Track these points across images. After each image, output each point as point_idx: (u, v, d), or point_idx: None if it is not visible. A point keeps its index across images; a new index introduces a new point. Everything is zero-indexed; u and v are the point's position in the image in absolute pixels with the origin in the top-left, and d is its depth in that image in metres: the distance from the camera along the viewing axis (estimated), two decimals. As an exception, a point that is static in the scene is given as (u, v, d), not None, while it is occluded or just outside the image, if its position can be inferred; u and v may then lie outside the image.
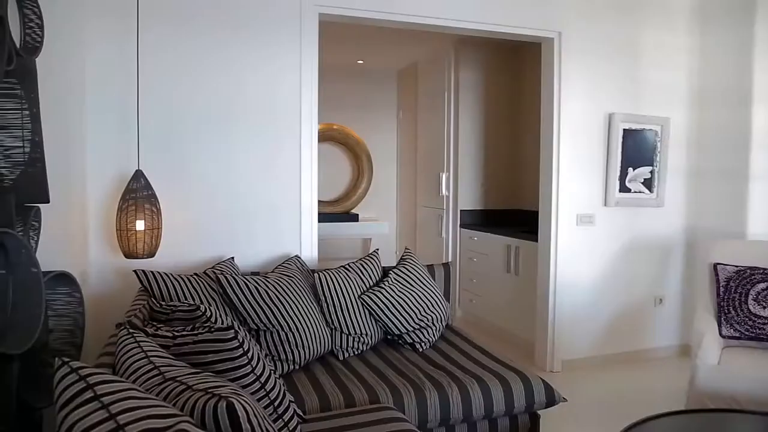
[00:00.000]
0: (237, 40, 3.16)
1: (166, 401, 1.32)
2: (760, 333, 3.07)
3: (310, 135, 3.34)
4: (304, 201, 3.34)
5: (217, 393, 1.28)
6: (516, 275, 4.56)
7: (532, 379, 2.46)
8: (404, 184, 6.86)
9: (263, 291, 2.56)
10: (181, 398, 1.30)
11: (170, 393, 1.34)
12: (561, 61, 3.91)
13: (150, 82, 3.00)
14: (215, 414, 1.24)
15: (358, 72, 6.80)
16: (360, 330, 2.80)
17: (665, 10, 4.18)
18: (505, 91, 5.57)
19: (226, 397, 1.25)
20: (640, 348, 4.28)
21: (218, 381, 1.43)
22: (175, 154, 3.08)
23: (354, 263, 3.07)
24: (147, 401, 1.15)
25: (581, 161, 4.01)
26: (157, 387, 1.38)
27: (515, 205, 5.63)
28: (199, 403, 1.26)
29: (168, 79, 3.04)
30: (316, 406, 2.22)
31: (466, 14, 3.64)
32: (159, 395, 1.35)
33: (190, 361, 1.66)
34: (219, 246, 3.19)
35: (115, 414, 1.08)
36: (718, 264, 3.32)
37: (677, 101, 4.26)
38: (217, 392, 1.29)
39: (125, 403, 1.11)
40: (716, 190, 4.18)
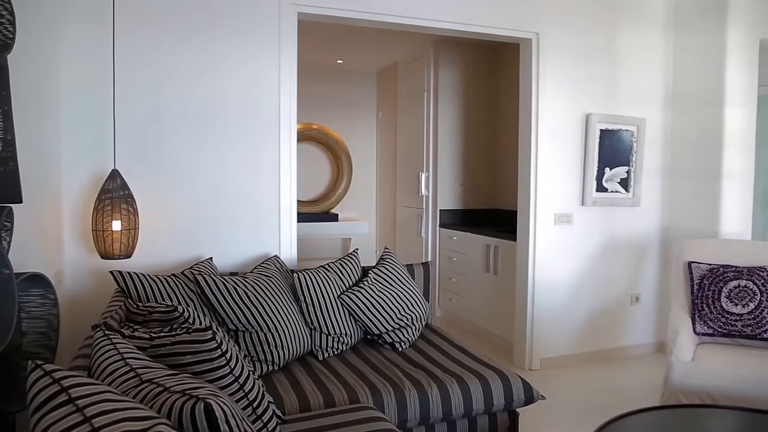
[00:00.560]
0: (214, 39, 3.13)
1: (143, 403, 1.30)
2: (732, 330, 3.14)
3: (289, 135, 3.33)
4: (283, 201, 3.33)
5: (195, 394, 1.27)
6: (495, 274, 4.60)
7: (510, 378, 2.48)
8: (384, 184, 6.86)
9: (242, 291, 2.54)
10: (158, 400, 1.29)
11: (147, 395, 1.33)
12: (539, 61, 3.95)
13: (127, 80, 2.96)
14: (193, 416, 1.23)
15: (338, 72, 6.79)
16: (339, 330, 2.80)
17: (641, 12, 4.24)
18: (485, 91, 5.61)
19: (203, 399, 1.24)
20: (617, 346, 4.34)
21: (196, 382, 1.41)
22: (151, 153, 3.04)
23: (333, 263, 3.06)
24: (123, 404, 1.14)
25: (559, 161, 4.05)
26: (134, 389, 1.37)
27: (494, 204, 5.67)
28: (177, 405, 1.25)
29: (144, 78, 3.01)
30: (295, 407, 2.21)
31: (445, 14, 3.65)
32: (135, 397, 1.34)
33: (168, 363, 1.65)
34: (197, 246, 3.16)
35: (90, 417, 1.07)
36: (692, 262, 3.37)
37: (653, 102, 4.33)
38: (195, 394, 1.28)
39: (100, 405, 1.10)
40: (690, 190, 4.26)
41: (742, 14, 3.97)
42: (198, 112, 3.12)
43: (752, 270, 3.20)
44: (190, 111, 3.11)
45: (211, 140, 3.16)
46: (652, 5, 4.27)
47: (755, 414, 2.13)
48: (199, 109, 3.12)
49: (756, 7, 4.03)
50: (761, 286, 3.14)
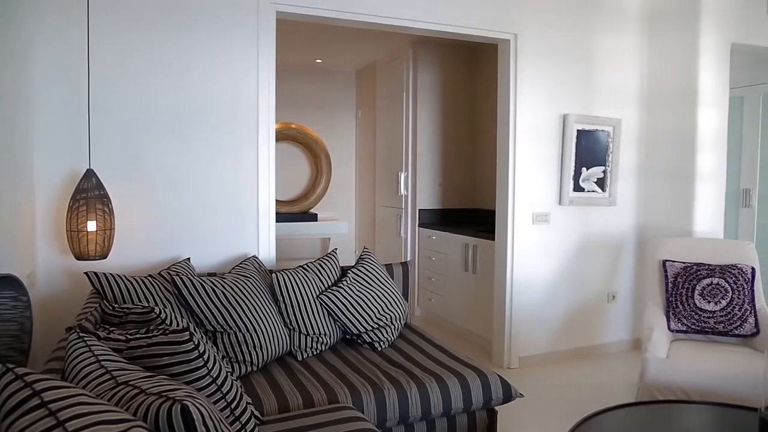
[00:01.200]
0: (191, 38, 3.10)
1: (119, 406, 1.28)
2: (705, 326, 3.20)
3: (267, 134, 3.31)
4: (261, 200, 3.31)
5: (172, 396, 1.26)
6: (474, 274, 4.62)
7: (489, 376, 2.50)
8: (363, 184, 6.86)
9: (220, 292, 2.52)
10: (134, 403, 1.27)
11: (123, 398, 1.31)
12: (517, 62, 3.98)
13: (102, 79, 2.91)
14: (169, 418, 1.21)
15: (317, 71, 6.77)
16: (318, 330, 2.79)
17: (617, 15, 4.30)
18: (463, 91, 5.64)
19: (180, 401, 1.23)
20: (594, 343, 4.39)
21: (173, 384, 1.40)
22: (128, 153, 3.00)
23: (312, 263, 3.05)
24: (98, 407, 1.12)
25: (537, 161, 4.09)
26: (109, 392, 1.35)
27: (473, 204, 5.70)
28: (153, 407, 1.23)
29: (120, 76, 2.96)
30: (274, 408, 2.20)
31: (424, 15, 3.66)
32: (111, 400, 1.32)
33: (144, 365, 1.63)
34: (174, 247, 3.13)
35: (64, 421, 1.05)
36: (667, 261, 3.43)
37: (628, 103, 4.39)
38: (172, 395, 1.26)
39: (74, 409, 1.08)
40: (665, 190, 4.32)
41: (714, 19, 4.05)
42: (175, 111, 3.09)
43: (724, 268, 3.27)
44: (167, 110, 3.07)
45: (188, 139, 3.12)
46: (627, 9, 4.33)
47: (727, 408, 2.18)
48: (175, 108, 3.09)
49: (727, 12, 4.11)
50: (733, 283, 3.21)
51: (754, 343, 3.14)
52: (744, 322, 3.15)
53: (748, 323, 3.14)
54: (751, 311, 3.17)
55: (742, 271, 3.25)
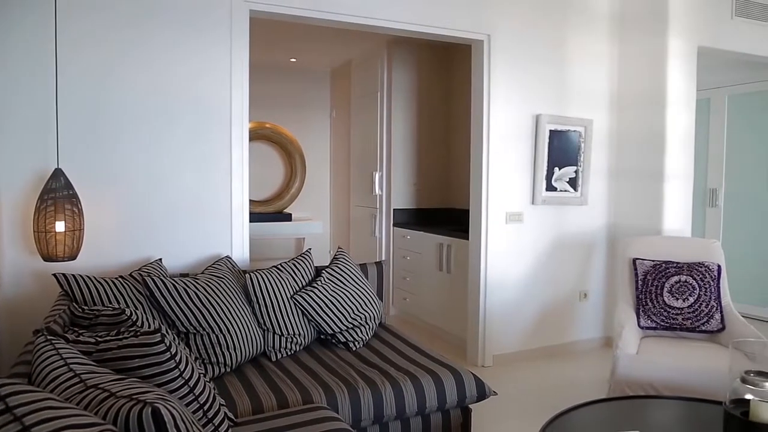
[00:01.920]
0: (164, 36, 3.06)
1: (88, 410, 1.26)
2: (674, 323, 3.26)
3: (240, 134, 3.28)
4: (234, 200, 3.28)
5: (143, 399, 1.24)
6: (448, 273, 4.65)
7: (463, 374, 2.51)
8: (337, 184, 6.85)
9: (192, 293, 2.49)
10: (103, 406, 1.25)
11: (92, 401, 1.29)
12: (490, 62, 4.01)
13: (71, 77, 2.86)
14: (140, 421, 1.20)
15: (291, 70, 6.73)
16: (293, 330, 2.78)
17: (589, 18, 4.36)
18: (438, 91, 5.66)
19: (151, 403, 1.21)
20: (567, 341, 4.45)
21: (144, 387, 1.38)
22: (98, 152, 2.95)
23: (286, 263, 3.04)
24: (66, 411, 1.10)
25: (510, 161, 4.13)
26: (78, 395, 1.32)
27: (447, 203, 5.73)
28: (123, 411, 1.22)
29: (90, 74, 2.91)
30: (248, 409, 2.19)
31: (398, 15, 3.67)
32: (80, 404, 1.30)
33: (115, 368, 1.60)
34: (145, 247, 3.08)
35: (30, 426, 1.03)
36: (637, 259, 3.49)
37: (599, 104, 4.46)
38: (143, 398, 1.25)
39: (41, 414, 1.06)
40: (635, 189, 4.41)
41: (681, 23, 4.14)
42: (147, 111, 3.04)
43: (692, 266, 3.34)
44: (139, 109, 3.02)
45: (160, 139, 3.08)
46: (598, 12, 4.40)
47: (693, 402, 2.23)
48: (148, 108, 3.04)
49: (693, 17, 4.21)
50: (700, 281, 3.28)
51: (720, 338, 3.21)
52: (710, 319, 3.22)
53: (714, 319, 3.22)
54: (717, 308, 3.24)
55: (709, 268, 3.32)
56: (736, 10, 4.42)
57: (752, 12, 4.51)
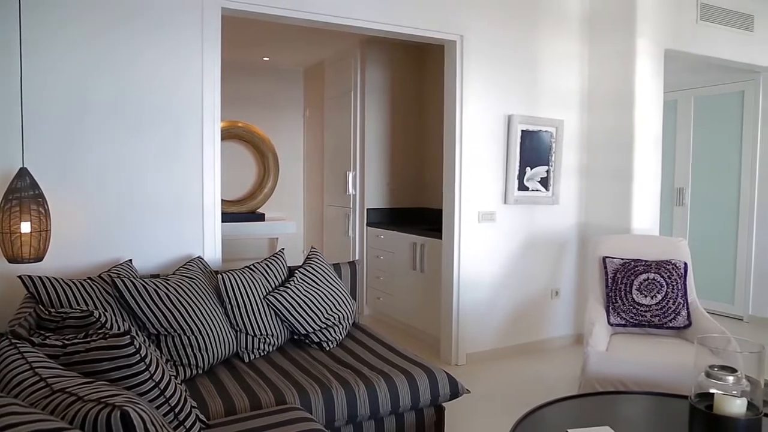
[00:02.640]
0: (132, 33, 3.00)
1: (54, 415, 1.24)
2: (643, 320, 3.33)
3: (212, 132, 3.24)
4: (206, 200, 3.24)
5: (111, 402, 1.22)
6: (422, 272, 4.66)
7: (436, 373, 2.53)
8: (311, 183, 6.82)
9: (163, 294, 2.46)
10: (70, 410, 1.23)
11: (58, 406, 1.26)
12: (463, 63, 4.03)
13: (37, 76, 2.79)
14: (108, 424, 1.18)
15: (264, 69, 6.69)
16: (266, 331, 2.76)
17: (560, 19, 4.42)
18: (411, 91, 5.68)
19: (120, 406, 1.20)
20: (539, 339, 4.51)
21: (112, 390, 1.36)
22: (65, 152, 2.89)
23: (259, 263, 3.02)
24: (30, 416, 1.08)
25: (482, 160, 4.16)
26: (44, 400, 1.30)
27: (421, 203, 5.76)
28: (91, 415, 1.20)
29: (56, 71, 2.84)
30: (220, 410, 2.17)
31: (372, 15, 3.67)
32: (46, 409, 1.27)
33: (83, 371, 1.57)
34: (115, 248, 3.03)
35: (-6, 431, 1.00)
36: (607, 257, 3.55)
37: (570, 105, 4.52)
38: (111, 401, 1.23)
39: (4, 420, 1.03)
40: (605, 189, 4.48)
41: (648, 26, 4.23)
42: (116, 109, 2.99)
43: (659, 264, 3.41)
44: (107, 107, 2.97)
45: (129, 137, 3.03)
46: (569, 14, 4.46)
47: (661, 397, 2.28)
48: (116, 106, 2.99)
49: (660, 20, 4.30)
50: (667, 278, 3.35)
51: (686, 334, 3.29)
52: (677, 315, 3.29)
53: (681, 316, 3.29)
54: (683, 304, 3.32)
55: (676, 266, 3.39)
56: (700, 15, 4.53)
57: (715, 17, 4.62)
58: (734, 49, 4.79)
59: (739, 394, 1.73)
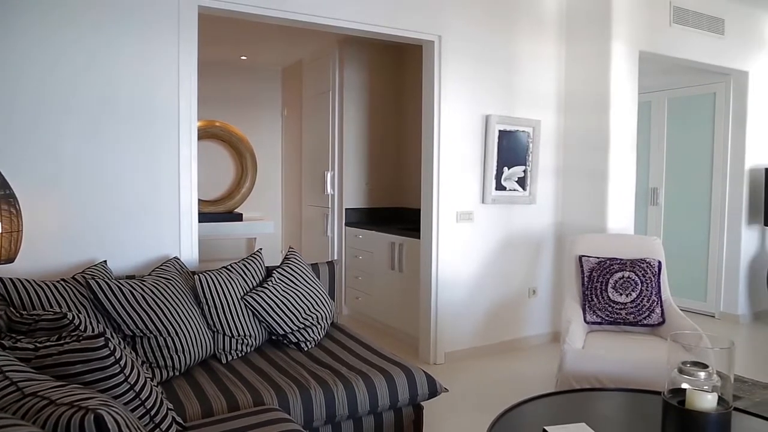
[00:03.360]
0: (107, 31, 2.96)
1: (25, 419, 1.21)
2: (618, 317, 3.38)
3: (189, 132, 3.21)
4: (183, 200, 3.21)
5: (84, 406, 1.20)
6: (400, 272, 4.67)
7: (414, 372, 2.53)
8: (289, 183, 6.79)
9: (139, 295, 2.43)
10: (42, 415, 1.21)
11: (30, 410, 1.24)
12: (441, 63, 4.05)
13: (7, 74, 2.73)
14: (82, 428, 1.16)
15: (242, 68, 6.64)
16: (243, 332, 2.74)
17: (537, 21, 4.46)
18: (390, 91, 5.69)
19: (94, 410, 1.18)
20: (516, 337, 4.54)
21: (86, 393, 1.34)
22: (36, 151, 2.83)
23: (236, 264, 2.99)
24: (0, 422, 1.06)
25: (460, 160, 4.18)
26: (15, 404, 1.27)
27: (399, 203, 5.77)
28: (64, 418, 1.18)
29: (28, 68, 2.79)
30: (197, 412, 2.15)
31: (350, 14, 3.67)
32: (16, 413, 1.25)
33: (55, 374, 1.55)
34: (89, 249, 2.98)
35: (-37, 436, 0.98)
36: (583, 256, 3.60)
37: (547, 105, 4.57)
38: (84, 405, 1.21)
39: (-25, 423, 1.01)
40: (581, 189, 4.54)
41: (623, 28, 4.29)
42: (90, 108, 2.94)
43: (634, 262, 3.46)
44: (81, 105, 2.92)
45: (103, 137, 2.98)
46: (546, 16, 4.51)
47: (636, 393, 2.32)
48: (91, 105, 2.94)
49: (635, 23, 4.37)
50: (642, 276, 3.41)
51: (660, 331, 3.34)
52: (651, 313, 3.35)
53: (655, 313, 3.35)
54: (657, 302, 3.37)
55: (650, 264, 3.45)
56: (673, 18, 4.61)
57: (688, 20, 4.71)
58: (706, 51, 4.89)
59: (710, 389, 1.77)
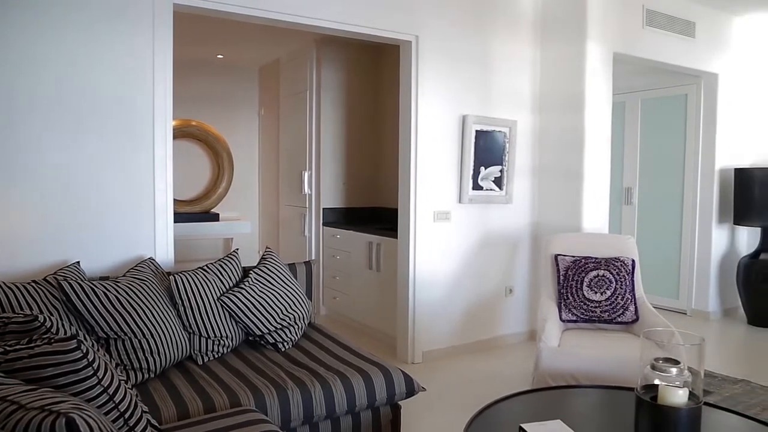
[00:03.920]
0: (78, 28, 2.90)
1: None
2: (593, 315, 3.42)
3: (164, 131, 3.17)
4: (158, 200, 3.17)
5: (56, 410, 1.18)
6: (378, 272, 4.68)
7: (392, 372, 2.54)
8: (266, 183, 6.75)
9: (113, 296, 2.39)
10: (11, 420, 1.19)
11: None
12: (418, 63, 4.06)
13: (-26, 68, 2.68)
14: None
15: (218, 67, 6.58)
16: (220, 333, 2.72)
17: (513, 22, 4.50)
18: (367, 90, 5.68)
19: (65, 414, 1.16)
20: (494, 336, 4.58)
21: (58, 396, 1.32)
22: (8, 151, 2.77)
23: (213, 264, 2.97)
24: (-31, 425, 1.03)
25: (438, 160, 4.20)
26: (-16, 408, 1.25)
27: (377, 203, 5.77)
28: (34, 423, 1.16)
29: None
30: (173, 415, 2.12)
31: (327, 13, 3.66)
32: (-14, 417, 1.22)
33: (26, 378, 1.52)
34: (62, 250, 2.93)
35: (-71, 442, 0.96)
36: (559, 255, 3.64)
37: (523, 105, 4.61)
38: (56, 409, 1.19)
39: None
40: (557, 188, 4.59)
41: (598, 30, 4.35)
42: (63, 107, 2.89)
43: (609, 261, 3.51)
44: (53, 105, 2.86)
45: (75, 136, 2.93)
46: (522, 16, 4.55)
47: (610, 390, 2.35)
48: (64, 104, 2.89)
49: (609, 25, 4.43)
50: (616, 275, 3.46)
51: (634, 328, 3.40)
52: (626, 310, 3.40)
53: (629, 311, 3.40)
54: (631, 300, 3.43)
55: (624, 263, 3.50)
56: (646, 20, 4.69)
57: (660, 23, 4.79)
58: (677, 54, 4.98)
59: (681, 384, 1.80)
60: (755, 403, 3.41)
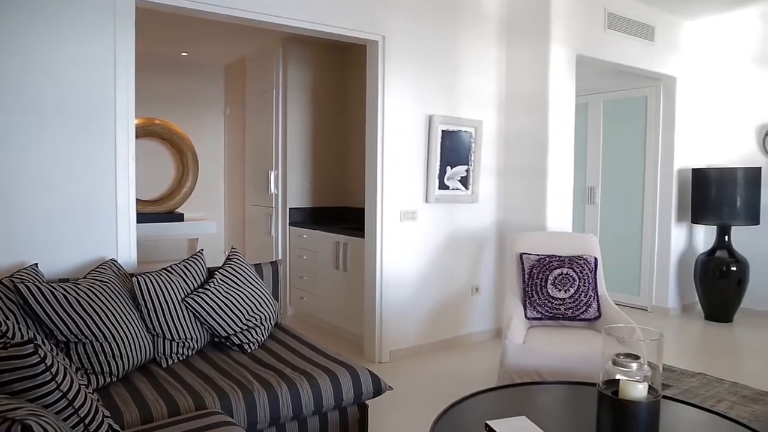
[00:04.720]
0: (35, 23, 2.83)
1: (-53, 431, 1.15)
2: (557, 313, 3.48)
3: (126, 130, 3.11)
4: (120, 200, 3.10)
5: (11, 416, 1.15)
6: (345, 271, 4.67)
7: (359, 371, 2.54)
8: (232, 182, 6.67)
9: (73, 299, 2.34)
10: (-35, 425, 1.15)
11: (-48, 421, 1.18)
12: (385, 63, 4.07)
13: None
14: (9, 439, 1.11)
15: (183, 65, 6.47)
16: (184, 335, 2.68)
17: (479, 21, 4.55)
18: (334, 90, 5.67)
19: (21, 420, 1.13)
20: (460, 334, 4.62)
21: (13, 403, 1.28)
22: (-41, 148, 2.68)
23: (177, 265, 2.92)
24: None
25: (404, 160, 4.21)
26: (-65, 416, 1.20)
27: (343, 202, 5.76)
28: (-11, 429, 1.12)
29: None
30: (136, 419, 2.08)
31: (293, 12, 3.63)
32: (-63, 425, 1.18)
33: (-20, 383, 1.47)
34: (19, 251, 2.84)
35: None
36: (524, 254, 3.69)
37: (488, 106, 4.66)
38: (11, 415, 1.15)
39: None
40: (521, 188, 4.65)
41: (561, 32, 4.43)
42: (20, 105, 2.80)
43: (572, 259, 3.58)
44: (9, 101, 2.78)
45: (35, 134, 2.85)
46: (488, 17, 4.60)
47: (573, 385, 2.40)
48: (20, 101, 2.80)
49: (572, 27, 4.52)
50: (579, 273, 3.52)
51: (597, 325, 3.47)
52: (588, 308, 3.47)
53: (592, 308, 3.47)
54: (594, 297, 3.50)
55: (587, 261, 3.57)
56: (608, 24, 4.79)
57: (621, 26, 4.90)
58: (638, 56, 5.10)
59: (641, 379, 1.84)
60: (711, 395, 3.52)
